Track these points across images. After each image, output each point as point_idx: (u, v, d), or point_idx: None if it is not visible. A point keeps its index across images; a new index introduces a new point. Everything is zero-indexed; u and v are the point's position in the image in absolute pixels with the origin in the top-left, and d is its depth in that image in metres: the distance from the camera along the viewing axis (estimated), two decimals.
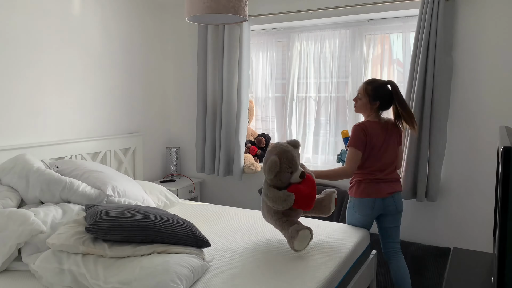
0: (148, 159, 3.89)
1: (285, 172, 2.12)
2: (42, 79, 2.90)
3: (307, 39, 3.62)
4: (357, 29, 3.38)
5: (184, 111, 4.10)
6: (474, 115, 2.86)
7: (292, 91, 3.69)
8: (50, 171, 2.44)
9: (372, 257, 2.51)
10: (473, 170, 2.90)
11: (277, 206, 2.08)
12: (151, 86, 3.90)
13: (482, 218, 2.89)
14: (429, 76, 2.81)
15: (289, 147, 2.16)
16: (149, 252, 1.77)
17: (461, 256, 1.80)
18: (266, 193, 2.14)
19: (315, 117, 3.63)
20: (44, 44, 2.90)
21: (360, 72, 3.39)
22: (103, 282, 1.62)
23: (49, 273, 1.72)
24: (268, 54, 3.81)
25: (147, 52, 3.82)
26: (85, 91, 3.24)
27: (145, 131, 3.86)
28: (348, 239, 2.27)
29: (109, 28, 3.40)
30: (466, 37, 2.84)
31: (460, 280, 1.55)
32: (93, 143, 3.22)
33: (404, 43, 3.19)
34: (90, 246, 1.77)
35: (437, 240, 3.05)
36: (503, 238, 1.06)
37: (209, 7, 2.04)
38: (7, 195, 2.30)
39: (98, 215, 1.85)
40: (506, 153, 1.02)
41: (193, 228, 1.96)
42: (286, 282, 1.73)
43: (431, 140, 2.86)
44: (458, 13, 2.85)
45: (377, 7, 3.08)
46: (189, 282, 1.65)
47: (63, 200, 2.39)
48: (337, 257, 2.02)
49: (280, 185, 2.15)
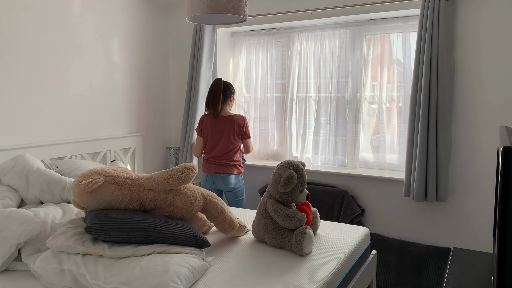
0: (148, 159, 3.89)
1: (297, 189, 2.13)
2: (42, 79, 2.90)
3: (307, 39, 3.62)
4: (357, 29, 3.38)
5: (184, 111, 4.09)
6: (475, 114, 2.86)
7: (292, 91, 3.69)
8: (50, 171, 2.44)
9: (372, 257, 2.51)
10: (473, 170, 2.90)
11: (288, 225, 2.06)
12: (151, 86, 3.90)
13: (482, 218, 2.90)
14: (433, 76, 2.81)
15: (301, 166, 2.18)
16: (149, 252, 1.77)
17: (461, 256, 1.80)
18: (275, 209, 2.09)
19: (315, 117, 3.64)
20: (44, 44, 2.90)
21: (360, 72, 3.39)
22: (103, 282, 1.62)
23: (49, 273, 1.71)
24: (268, 54, 3.81)
25: (147, 52, 3.82)
26: (85, 91, 3.24)
27: (145, 131, 3.86)
28: (348, 239, 2.27)
29: (109, 28, 3.40)
30: (466, 36, 2.84)
31: (460, 280, 1.55)
32: (93, 143, 3.22)
33: (404, 43, 3.19)
34: (90, 246, 1.77)
35: (437, 240, 3.05)
36: (503, 238, 1.06)
37: (209, 7, 2.04)
38: (7, 195, 2.30)
39: (98, 216, 1.85)
40: (506, 153, 1.02)
41: (192, 228, 1.96)
42: (286, 282, 1.73)
43: (438, 140, 2.86)
44: (458, 13, 2.85)
45: (377, 7, 3.08)
46: (189, 282, 1.65)
47: (63, 200, 2.39)
48: (337, 257, 2.02)
49: (287, 202, 2.15)
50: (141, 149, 3.72)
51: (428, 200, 2.88)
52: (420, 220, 3.10)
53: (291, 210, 2.08)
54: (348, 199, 3.22)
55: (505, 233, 1.05)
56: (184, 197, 2.04)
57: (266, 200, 2.16)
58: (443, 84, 2.80)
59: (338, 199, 3.26)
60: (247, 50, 3.97)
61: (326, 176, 3.45)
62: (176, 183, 1.98)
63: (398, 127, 3.33)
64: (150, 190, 2.00)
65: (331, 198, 3.28)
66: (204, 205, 2.12)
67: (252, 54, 3.91)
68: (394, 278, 3.01)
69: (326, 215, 3.29)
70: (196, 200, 2.07)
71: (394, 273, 3.02)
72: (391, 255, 3.08)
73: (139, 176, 2.05)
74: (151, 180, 1.99)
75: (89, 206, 1.93)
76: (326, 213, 3.29)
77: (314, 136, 3.65)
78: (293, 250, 2.03)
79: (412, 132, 2.94)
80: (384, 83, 3.32)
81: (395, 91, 3.31)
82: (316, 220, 2.31)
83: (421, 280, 2.93)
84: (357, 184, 3.33)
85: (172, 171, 2.00)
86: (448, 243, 3.02)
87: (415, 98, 2.92)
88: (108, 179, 1.93)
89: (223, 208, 2.16)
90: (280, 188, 2.10)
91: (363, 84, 3.39)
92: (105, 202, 1.92)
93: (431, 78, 2.82)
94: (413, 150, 2.94)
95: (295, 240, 2.00)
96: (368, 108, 3.43)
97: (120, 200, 1.94)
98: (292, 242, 2.02)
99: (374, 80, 3.40)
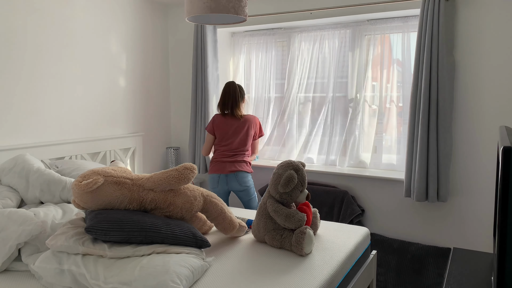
0: (148, 159, 3.89)
1: (297, 189, 2.13)
2: (42, 79, 2.90)
3: (307, 39, 3.62)
4: (357, 29, 3.38)
5: (184, 111, 4.10)
6: (475, 114, 2.86)
7: (292, 91, 3.69)
8: (50, 171, 2.44)
9: (372, 257, 2.51)
10: (473, 170, 2.90)
11: (288, 225, 2.06)
12: (151, 86, 3.90)
13: (482, 218, 2.90)
14: (434, 76, 2.81)
15: (301, 166, 2.18)
16: (149, 252, 1.77)
17: (461, 256, 1.80)
18: (275, 209, 2.09)
19: (315, 117, 3.63)
20: (44, 44, 2.90)
21: (360, 72, 3.39)
22: (103, 283, 1.62)
23: (49, 274, 1.71)
24: (268, 54, 3.81)
25: (147, 52, 3.82)
26: (85, 91, 3.24)
27: (145, 131, 3.86)
28: (348, 239, 2.27)
29: (109, 28, 3.40)
30: (466, 36, 2.84)
31: (460, 280, 1.55)
32: (93, 143, 3.22)
33: (404, 43, 3.19)
34: (90, 246, 1.77)
35: (437, 240, 3.05)
36: (503, 238, 1.06)
37: (209, 7, 2.04)
38: (7, 195, 2.30)
39: (98, 216, 1.85)
40: (506, 153, 1.02)
41: (192, 228, 1.96)
42: (286, 282, 1.73)
43: (439, 140, 2.86)
44: (458, 13, 2.85)
45: (377, 7, 3.08)
46: (189, 282, 1.65)
47: (63, 200, 2.39)
48: (337, 257, 2.02)
49: (287, 202, 2.14)
50: (141, 149, 3.72)
51: (429, 200, 2.88)
52: (420, 220, 3.10)
53: (291, 210, 2.08)
54: (348, 199, 3.22)
55: (505, 233, 1.05)
56: (184, 197, 2.04)
57: (266, 200, 2.16)
58: (443, 84, 2.80)
59: (338, 199, 3.25)
60: (247, 50, 3.97)
61: (326, 176, 3.45)
62: (176, 183, 1.98)
63: (398, 127, 3.33)
64: (150, 190, 2.00)
65: (331, 198, 3.28)
66: (204, 205, 2.12)
67: (252, 54, 3.91)
68: (394, 278, 3.01)
69: (326, 215, 3.29)
70: (196, 200, 2.07)
71: (394, 273, 3.02)
72: (391, 255, 3.08)
73: (139, 176, 2.05)
74: (151, 180, 1.99)
75: (89, 206, 1.93)
76: (326, 213, 3.29)
77: (314, 136, 3.65)
78: (293, 250, 2.03)
79: (412, 132, 2.94)
80: (384, 83, 3.32)
81: (395, 91, 3.31)
82: (316, 220, 2.31)
83: (421, 280, 2.93)
84: (357, 184, 3.33)
85: (172, 171, 2.00)
86: (448, 243, 3.02)
87: (415, 98, 2.91)
88: (108, 179, 1.93)
89: (223, 208, 2.16)
90: (280, 188, 2.10)
91: (363, 84, 3.39)
92: (105, 202, 1.92)
93: (431, 78, 2.82)
94: (413, 150, 2.94)
95: (295, 240, 2.00)
96: (368, 108, 3.43)
97: (120, 200, 1.94)
98: (292, 242, 2.02)
99: (374, 80, 3.40)
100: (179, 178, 1.98)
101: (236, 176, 3.06)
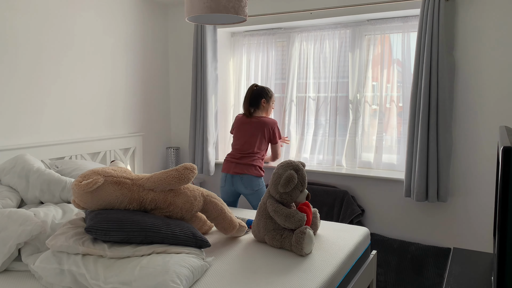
0: (148, 159, 3.89)
1: (297, 189, 2.13)
2: (42, 79, 2.90)
3: (307, 39, 3.62)
4: (357, 29, 3.38)
5: (184, 111, 4.10)
6: (475, 114, 2.86)
7: (292, 91, 3.69)
8: (50, 171, 2.44)
9: (372, 257, 2.51)
10: (473, 170, 2.90)
11: (288, 225, 2.06)
12: (151, 86, 3.90)
13: (482, 218, 2.90)
14: (434, 76, 2.81)
15: (301, 166, 2.18)
16: (149, 253, 1.77)
17: (461, 256, 1.80)
18: (275, 209, 2.09)
19: (315, 117, 3.63)
20: (44, 44, 2.90)
21: (360, 72, 3.39)
22: (103, 283, 1.62)
23: (49, 274, 1.71)
24: (268, 54, 3.81)
25: (147, 52, 3.82)
26: (85, 91, 3.24)
27: (145, 131, 3.86)
28: (348, 239, 2.27)
29: (109, 28, 3.40)
30: (466, 36, 2.84)
31: (460, 280, 1.55)
32: (93, 143, 3.22)
33: (404, 43, 3.19)
34: (90, 246, 1.77)
35: (437, 240, 3.05)
36: (503, 238, 1.06)
37: (209, 7, 2.04)
38: (7, 195, 2.30)
39: (98, 216, 1.85)
40: (506, 153, 1.02)
41: (192, 228, 1.96)
42: (286, 282, 1.73)
43: (439, 140, 2.86)
44: (458, 13, 2.85)
45: (377, 7, 3.08)
46: (189, 282, 1.65)
47: (63, 200, 2.39)
48: (337, 257, 2.02)
49: (287, 202, 2.14)
50: (141, 149, 3.72)
51: (430, 200, 2.88)
52: (420, 220, 3.10)
53: (291, 210, 2.08)
54: (348, 199, 3.22)
55: (505, 233, 1.05)
56: (184, 197, 2.04)
57: (266, 200, 2.16)
58: (443, 84, 2.80)
59: (338, 199, 3.25)
60: (247, 50, 3.97)
61: (326, 176, 3.45)
62: (176, 183, 1.98)
63: (398, 127, 3.33)
64: (150, 190, 2.00)
65: (331, 198, 3.28)
66: (204, 205, 2.12)
67: (252, 54, 3.91)
68: (394, 278, 3.01)
69: (326, 215, 3.29)
70: (196, 200, 2.07)
71: (394, 273, 3.02)
72: (391, 255, 3.08)
73: (139, 176, 2.05)
74: (151, 180, 1.99)
75: (89, 206, 1.94)
76: (326, 213, 3.29)
77: (314, 136, 3.65)
78: (293, 250, 2.03)
79: (412, 132, 2.93)
80: (384, 83, 3.32)
81: (395, 91, 3.31)
82: (316, 220, 2.31)
83: (421, 280, 2.93)
84: (357, 184, 3.33)
85: (172, 171, 2.00)
86: (448, 243, 3.02)
87: (415, 98, 2.91)
88: (108, 179, 1.93)
89: (223, 208, 2.16)
90: (280, 188, 2.10)
91: (363, 84, 3.39)
92: (105, 202, 1.92)
93: (431, 78, 2.82)
94: (413, 150, 2.94)
95: (295, 240, 2.00)
96: (368, 108, 3.43)
97: (120, 200, 1.94)
98: (292, 242, 2.02)
99: (374, 80, 3.40)
100: (179, 178, 1.98)
101: (242, 179, 3.01)
